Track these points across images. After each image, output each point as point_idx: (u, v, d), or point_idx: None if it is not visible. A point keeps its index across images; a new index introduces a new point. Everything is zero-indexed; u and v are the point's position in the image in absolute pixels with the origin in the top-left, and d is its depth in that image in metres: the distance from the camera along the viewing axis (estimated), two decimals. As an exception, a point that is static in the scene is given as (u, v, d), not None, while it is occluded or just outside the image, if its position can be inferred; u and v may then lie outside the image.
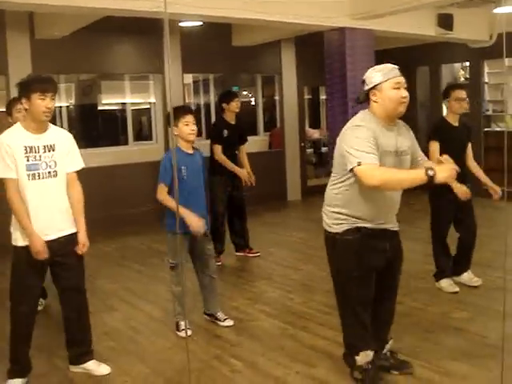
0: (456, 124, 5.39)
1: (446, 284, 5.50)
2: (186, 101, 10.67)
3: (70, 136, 4.02)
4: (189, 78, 11.09)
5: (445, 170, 3.31)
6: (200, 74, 11.74)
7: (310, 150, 12.70)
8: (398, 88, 3.45)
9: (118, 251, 7.66)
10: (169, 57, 9.70)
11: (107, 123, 10.21)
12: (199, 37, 9.27)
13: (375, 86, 3.48)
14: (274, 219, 9.66)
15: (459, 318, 4.81)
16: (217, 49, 9.95)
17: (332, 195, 3.62)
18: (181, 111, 4.68)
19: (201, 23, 8.52)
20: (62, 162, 3.85)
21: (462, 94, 5.32)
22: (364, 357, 3.66)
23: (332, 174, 3.65)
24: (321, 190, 11.83)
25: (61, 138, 3.91)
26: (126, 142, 9.94)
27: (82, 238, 3.94)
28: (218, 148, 6.63)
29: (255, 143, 10.33)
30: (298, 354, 4.26)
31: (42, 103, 3.68)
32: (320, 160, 12.99)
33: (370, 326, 3.70)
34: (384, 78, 3.45)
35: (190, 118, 4.61)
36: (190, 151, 4.70)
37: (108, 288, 5.97)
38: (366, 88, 3.54)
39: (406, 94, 3.47)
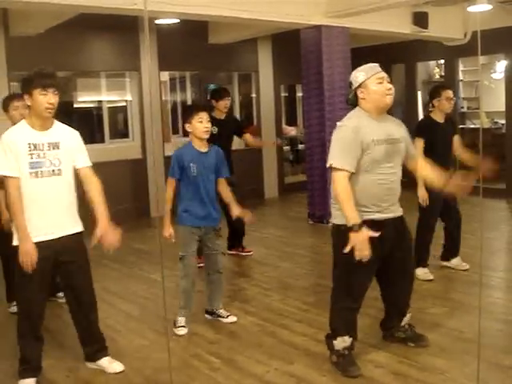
0: (441, 121, 5.71)
1: (421, 272, 5.70)
2: (163, 98, 10.62)
3: (76, 133, 3.94)
4: (165, 76, 11.03)
5: (358, 242, 3.51)
6: (176, 72, 11.68)
7: (286, 148, 12.72)
8: (381, 82, 3.75)
9: (95, 249, 7.45)
10: (149, 54, 9.65)
11: (83, 121, 10.08)
12: (175, 34, 9.23)
13: (360, 84, 3.78)
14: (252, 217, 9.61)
15: (436, 314, 4.86)
16: (193, 46, 9.91)
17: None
18: (195, 108, 4.79)
19: (177, 21, 8.49)
20: (67, 159, 3.78)
21: (451, 93, 5.71)
22: (341, 342, 3.84)
23: None
24: (298, 187, 11.79)
25: (66, 135, 3.84)
26: (102, 140, 9.84)
27: (99, 229, 3.96)
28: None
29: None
30: (276, 351, 4.28)
31: (43, 99, 3.60)
32: (297, 157, 13.03)
33: (387, 302, 4.19)
34: (367, 76, 3.77)
35: (203, 115, 4.65)
36: (203, 149, 4.72)
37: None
38: (353, 88, 3.82)
39: (389, 86, 3.78)
